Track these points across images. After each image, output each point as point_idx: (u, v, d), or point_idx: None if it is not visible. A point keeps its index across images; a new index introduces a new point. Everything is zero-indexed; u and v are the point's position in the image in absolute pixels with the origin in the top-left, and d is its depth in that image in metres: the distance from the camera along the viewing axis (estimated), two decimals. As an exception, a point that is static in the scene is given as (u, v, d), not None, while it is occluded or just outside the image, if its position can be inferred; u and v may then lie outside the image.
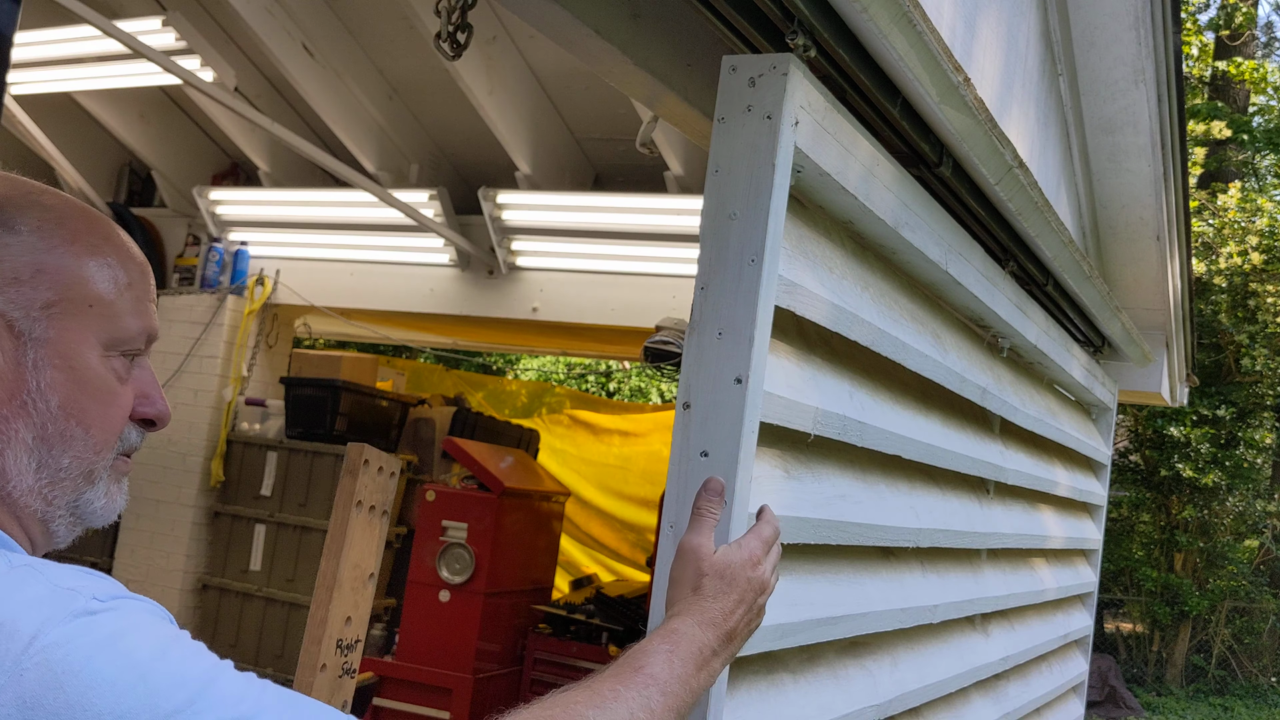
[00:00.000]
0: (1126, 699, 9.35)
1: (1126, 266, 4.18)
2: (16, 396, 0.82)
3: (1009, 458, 2.94)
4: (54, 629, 0.69)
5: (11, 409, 0.82)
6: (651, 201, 4.81)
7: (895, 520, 2.09)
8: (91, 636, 0.70)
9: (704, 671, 1.18)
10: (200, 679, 0.73)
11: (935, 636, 2.51)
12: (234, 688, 0.74)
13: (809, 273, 1.70)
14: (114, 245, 0.89)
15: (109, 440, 0.87)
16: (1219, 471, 10.03)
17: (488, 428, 6.27)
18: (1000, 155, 2.22)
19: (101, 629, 0.71)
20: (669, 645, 1.16)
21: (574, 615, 4.61)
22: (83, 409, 0.85)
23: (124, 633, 0.72)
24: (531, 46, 4.69)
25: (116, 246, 0.90)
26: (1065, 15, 3.31)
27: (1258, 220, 10.25)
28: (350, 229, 5.59)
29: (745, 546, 1.32)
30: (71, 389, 0.84)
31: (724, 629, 1.23)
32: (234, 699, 0.73)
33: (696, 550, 1.29)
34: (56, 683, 0.68)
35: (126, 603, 0.74)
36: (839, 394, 1.85)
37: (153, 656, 0.71)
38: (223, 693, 0.73)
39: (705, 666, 1.18)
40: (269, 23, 4.71)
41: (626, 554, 7.48)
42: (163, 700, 0.70)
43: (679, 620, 1.21)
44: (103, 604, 0.72)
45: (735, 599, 1.26)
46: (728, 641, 1.23)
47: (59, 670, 0.68)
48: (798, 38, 1.56)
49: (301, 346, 7.09)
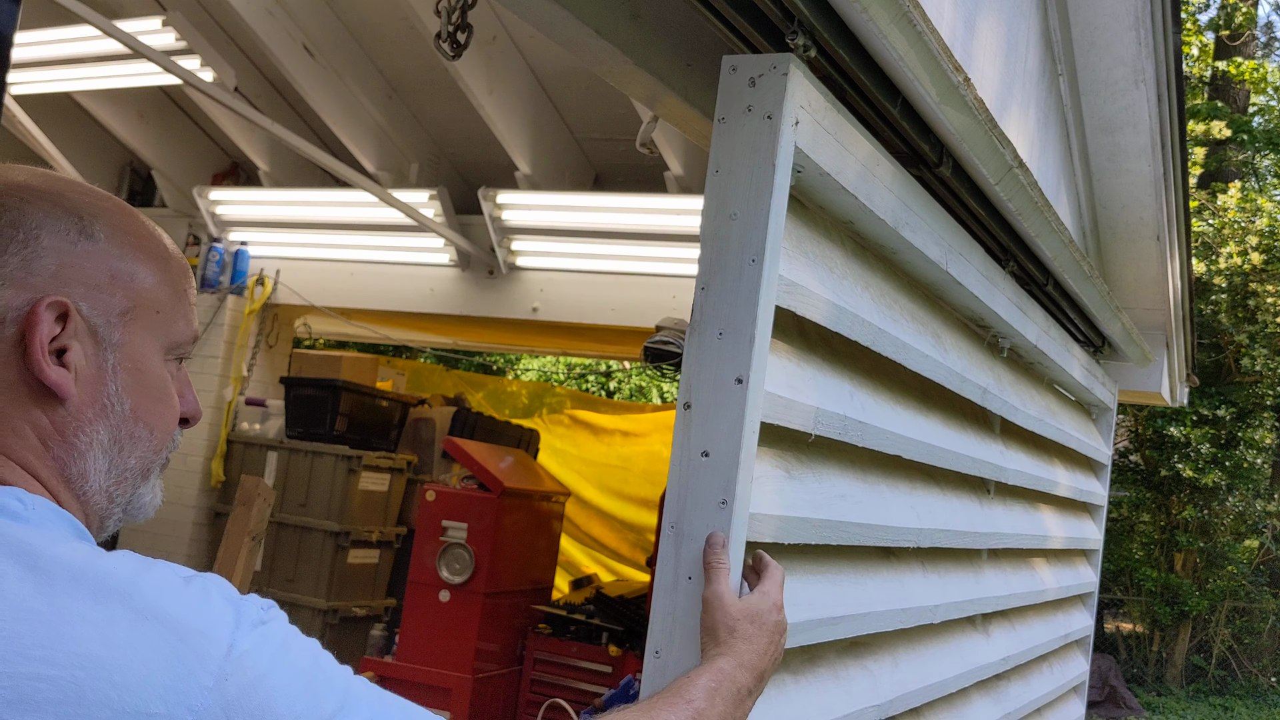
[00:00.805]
0: (1126, 699, 9.35)
1: (1126, 266, 4.18)
2: (98, 400, 0.86)
3: (1009, 458, 2.94)
4: (243, 639, 0.75)
5: (94, 411, 0.86)
6: (651, 201, 4.81)
7: (896, 520, 2.09)
8: (270, 646, 0.77)
9: (740, 709, 1.27)
10: (343, 683, 0.81)
11: (936, 637, 2.51)
12: (365, 690, 0.83)
13: (809, 273, 1.70)
14: (170, 250, 0.94)
15: (166, 440, 0.92)
16: (1219, 471, 10.03)
17: (488, 428, 6.27)
18: (1000, 155, 2.22)
19: (274, 638, 0.77)
20: (714, 683, 1.24)
21: (574, 615, 4.61)
22: (149, 411, 0.89)
23: (288, 642, 0.79)
24: (531, 46, 4.68)
25: (171, 252, 0.94)
26: (1065, 15, 3.31)
27: (1258, 220, 10.25)
28: (350, 229, 5.59)
29: (769, 594, 1.42)
30: (141, 392, 0.88)
31: (758, 670, 1.32)
32: (367, 700, 0.82)
33: (721, 599, 1.39)
34: (251, 688, 0.74)
35: (277, 612, 0.81)
36: (840, 394, 1.85)
37: (311, 664, 0.80)
38: (359, 695, 0.82)
39: (741, 705, 1.27)
40: (269, 23, 4.71)
41: (626, 554, 7.47)
42: (324, 703, 0.78)
43: (723, 660, 1.30)
44: (266, 614, 0.78)
45: (766, 641, 1.36)
46: (759, 681, 1.33)
47: (252, 676, 0.75)
48: (798, 38, 1.56)
49: (301, 346, 7.09)
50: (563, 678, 4.50)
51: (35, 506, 0.80)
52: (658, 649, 1.52)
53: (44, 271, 0.83)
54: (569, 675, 4.49)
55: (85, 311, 0.84)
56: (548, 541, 5.07)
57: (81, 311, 0.84)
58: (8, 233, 0.83)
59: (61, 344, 0.83)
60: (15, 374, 0.82)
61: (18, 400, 0.83)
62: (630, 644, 4.41)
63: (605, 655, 4.43)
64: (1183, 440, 10.11)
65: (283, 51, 4.78)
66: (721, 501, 1.49)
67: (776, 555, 1.72)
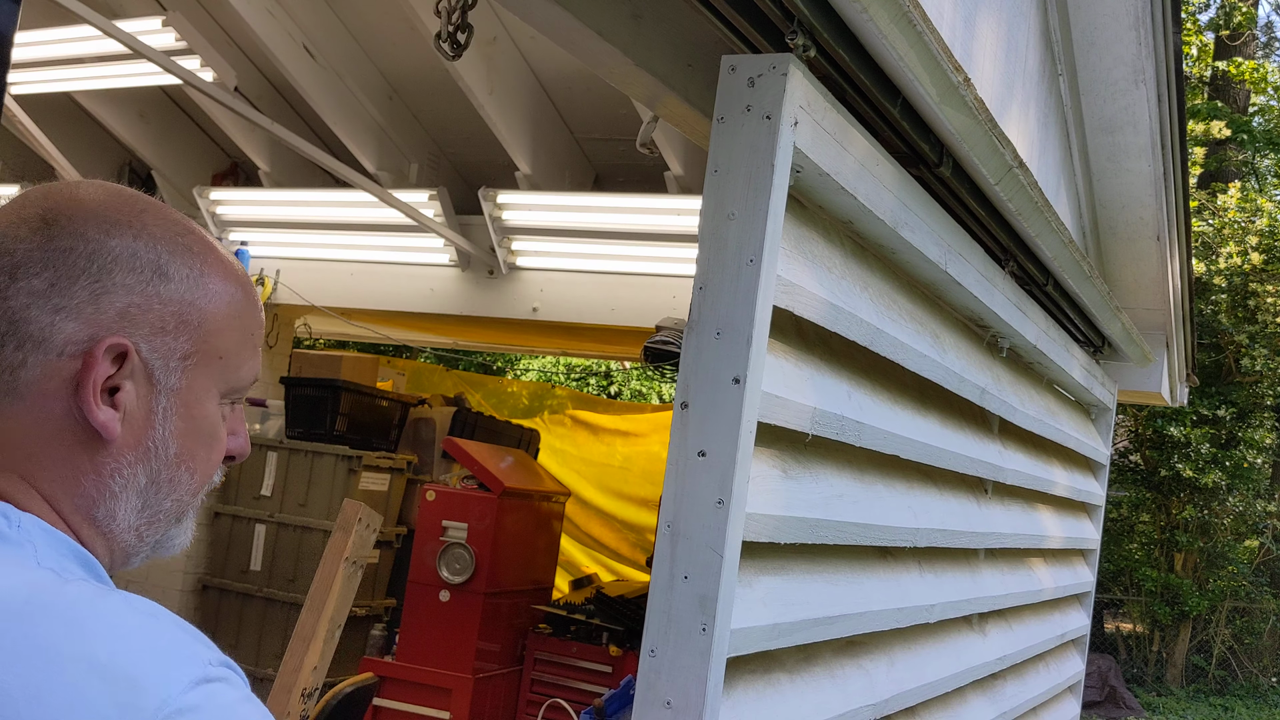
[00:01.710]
0: (1126, 699, 9.35)
1: (1126, 266, 4.18)
2: (142, 443, 0.83)
3: (1007, 458, 2.94)
4: (182, 696, 0.69)
5: (136, 454, 0.83)
6: (651, 201, 4.81)
7: (893, 520, 2.10)
8: (213, 705, 0.70)
9: None
10: None
11: (932, 636, 2.51)
12: None
13: (808, 273, 1.70)
14: (244, 295, 0.90)
15: (206, 482, 0.90)
16: (1219, 471, 10.03)
17: (488, 428, 6.28)
18: (1000, 155, 2.22)
19: (219, 699, 0.71)
20: None
21: (574, 615, 4.61)
22: (193, 455, 0.87)
23: (234, 706, 0.72)
24: (532, 47, 4.69)
25: (246, 296, 0.90)
26: (1065, 15, 3.31)
27: (1258, 220, 10.25)
28: (350, 229, 5.59)
29: None
30: (189, 437, 0.86)
31: None
32: None
33: None
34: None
35: (231, 674, 0.74)
36: (837, 394, 1.85)
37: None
38: None
39: None
40: (269, 23, 4.71)
41: (626, 554, 7.48)
42: None
43: None
44: (216, 670, 0.72)
45: None
46: None
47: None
48: (797, 38, 1.56)
49: (301, 346, 7.09)
50: (563, 678, 4.50)
51: (22, 524, 0.77)
52: (653, 648, 1.52)
53: (111, 309, 0.80)
54: (569, 675, 4.50)
55: (145, 353, 0.82)
56: (548, 541, 5.07)
57: (141, 353, 0.82)
58: (81, 264, 0.80)
59: (115, 383, 0.81)
60: (62, 407, 0.80)
61: (59, 433, 0.80)
62: (630, 644, 4.42)
63: (605, 655, 4.43)
64: (1183, 440, 10.11)
65: (283, 51, 4.78)
66: (718, 501, 1.50)
67: (773, 554, 1.72)
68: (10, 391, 0.79)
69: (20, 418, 0.80)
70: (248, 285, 0.91)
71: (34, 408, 0.79)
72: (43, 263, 0.79)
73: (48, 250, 0.80)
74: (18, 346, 0.79)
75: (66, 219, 0.81)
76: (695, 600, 1.49)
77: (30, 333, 0.79)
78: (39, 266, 0.79)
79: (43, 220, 0.81)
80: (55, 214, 0.81)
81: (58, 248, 0.80)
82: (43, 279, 0.79)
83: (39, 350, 0.79)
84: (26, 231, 0.81)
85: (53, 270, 0.79)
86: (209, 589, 5.63)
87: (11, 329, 0.79)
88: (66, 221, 0.81)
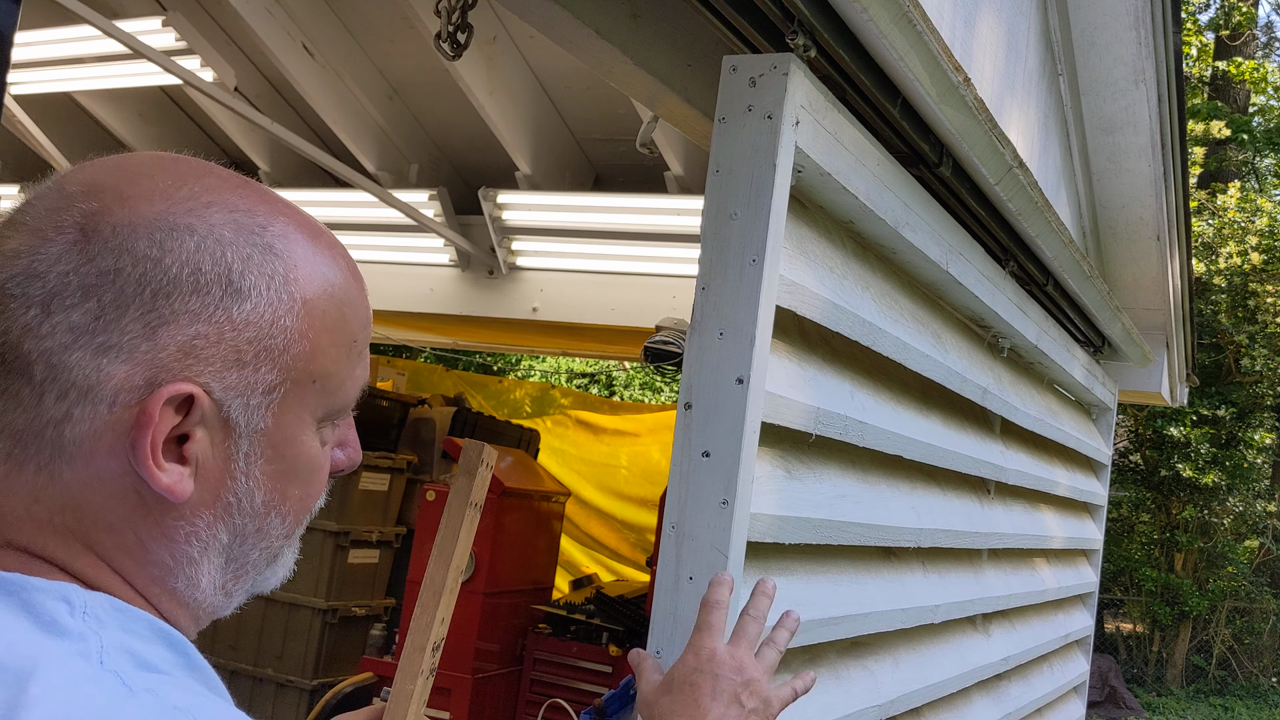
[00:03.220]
0: (1127, 699, 9.35)
1: (1126, 266, 4.18)
2: (221, 499, 0.69)
3: (1009, 458, 2.94)
4: None
5: (215, 512, 0.69)
6: (651, 201, 4.81)
7: (896, 520, 2.09)
8: None
9: None
10: None
11: (936, 637, 2.51)
12: None
13: (810, 273, 1.70)
14: (344, 295, 0.74)
15: (303, 519, 0.77)
16: (1219, 471, 10.03)
17: (488, 428, 6.28)
18: (1000, 155, 2.22)
19: None
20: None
21: (574, 615, 4.61)
22: (285, 497, 0.73)
23: None
24: (531, 46, 4.68)
25: (346, 297, 0.74)
26: (1065, 15, 3.31)
27: (1257, 220, 10.26)
28: (350, 229, 5.59)
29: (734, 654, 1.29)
30: (280, 480, 0.72)
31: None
32: None
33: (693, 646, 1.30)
34: None
35: None
36: (840, 394, 1.85)
37: None
38: None
39: None
40: (269, 23, 4.71)
41: (626, 554, 7.48)
42: None
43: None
44: None
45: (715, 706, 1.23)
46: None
47: None
48: (798, 38, 1.56)
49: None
50: (563, 678, 4.50)
51: (88, 610, 0.63)
52: (658, 648, 1.52)
53: (171, 344, 0.64)
54: (569, 675, 4.49)
55: (218, 394, 0.66)
56: (548, 541, 5.07)
57: (213, 394, 0.66)
58: (131, 289, 0.64)
59: (182, 431, 0.66)
60: (120, 465, 0.65)
61: (121, 495, 0.66)
62: (630, 644, 4.41)
63: (605, 655, 4.43)
64: (1183, 440, 10.11)
65: (283, 51, 4.78)
66: (722, 501, 1.49)
67: (777, 555, 1.72)
68: (59, 451, 0.65)
69: (75, 480, 0.65)
70: (350, 278, 0.75)
71: (88, 469, 0.65)
72: (83, 290, 0.64)
73: (88, 272, 0.64)
74: (60, 397, 0.64)
75: (110, 229, 0.65)
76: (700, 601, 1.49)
77: (74, 380, 0.64)
78: (79, 295, 0.64)
79: (81, 231, 0.65)
80: (97, 222, 0.65)
81: (101, 269, 0.64)
82: (84, 311, 0.63)
83: (85, 401, 0.64)
84: (62, 247, 0.65)
85: (96, 300, 0.64)
86: (209, 590, 5.62)
87: (51, 375, 0.63)
88: (111, 233, 0.65)
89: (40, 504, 0.66)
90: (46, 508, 0.66)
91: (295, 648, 5.30)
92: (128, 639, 0.63)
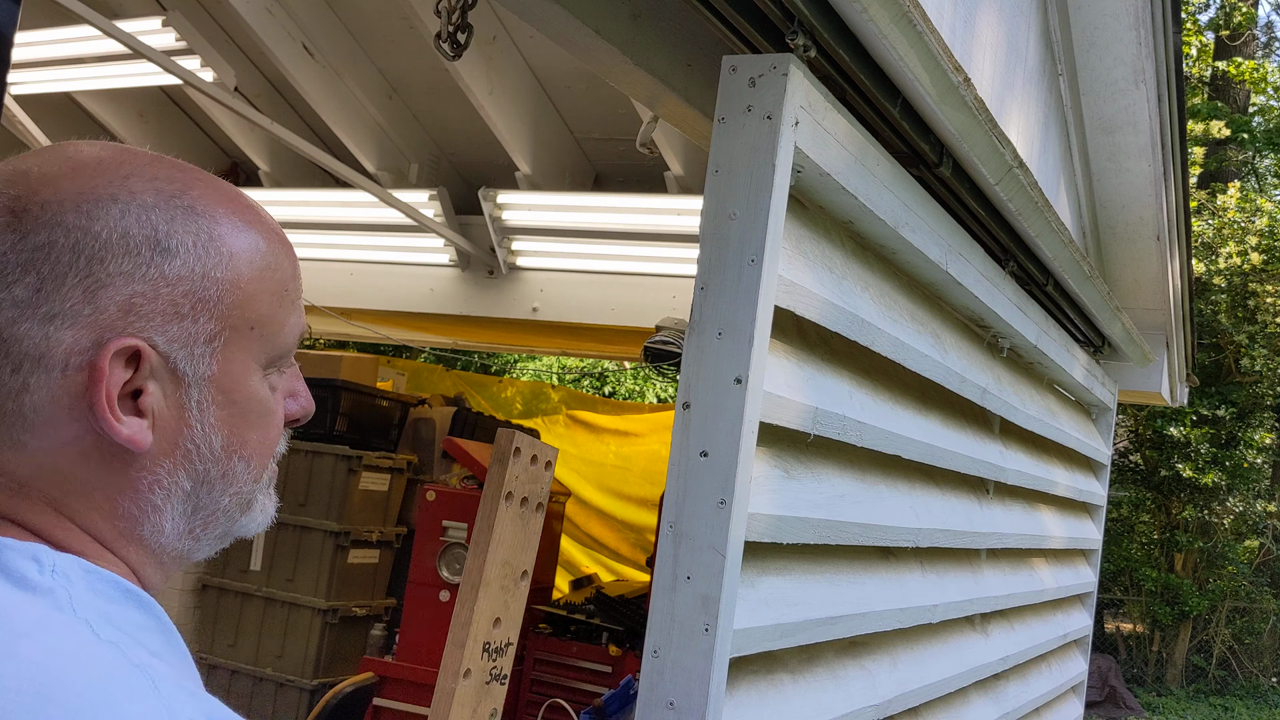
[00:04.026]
0: (1126, 699, 9.35)
1: (1126, 266, 4.18)
2: (179, 445, 0.73)
3: (1009, 458, 2.94)
4: None
5: (175, 460, 0.73)
6: (651, 201, 4.81)
7: (895, 520, 2.09)
8: None
9: None
10: None
11: (934, 636, 2.51)
12: None
13: (809, 273, 1.70)
14: (268, 246, 0.78)
15: (267, 462, 0.82)
16: (1219, 471, 10.03)
17: (488, 428, 6.28)
18: (1000, 155, 2.22)
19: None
20: None
21: (574, 615, 4.61)
22: (244, 441, 0.77)
23: None
24: (531, 46, 4.69)
25: (270, 246, 0.79)
26: (1065, 15, 3.31)
27: (1257, 220, 10.26)
28: (350, 229, 5.59)
29: None
30: (234, 424, 0.76)
31: None
32: None
33: None
34: None
35: None
36: (838, 394, 1.85)
37: None
38: None
39: None
40: (269, 23, 4.71)
41: (626, 554, 7.47)
42: None
43: None
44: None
45: None
46: None
47: None
48: (798, 38, 1.56)
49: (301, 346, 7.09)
50: (563, 678, 4.50)
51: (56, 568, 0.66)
52: (656, 648, 1.52)
53: (111, 305, 0.69)
54: (569, 675, 4.50)
55: (162, 347, 0.71)
56: (548, 541, 5.07)
57: (158, 347, 0.71)
58: (66, 259, 0.68)
59: (134, 386, 0.70)
60: (80, 426, 0.69)
61: (84, 455, 0.70)
62: (630, 644, 4.42)
63: (605, 655, 4.43)
64: (1183, 440, 10.11)
65: (283, 51, 4.78)
66: (720, 501, 1.49)
67: (776, 555, 1.72)
68: (20, 421, 0.69)
69: (39, 446, 0.70)
70: (270, 232, 0.79)
71: (50, 434, 0.69)
72: (21, 265, 0.68)
73: (24, 248, 0.68)
74: (15, 369, 0.68)
75: (39, 207, 0.69)
76: (698, 601, 1.49)
77: (25, 350, 0.68)
78: (17, 271, 0.68)
79: (11, 213, 0.69)
80: (24, 202, 0.70)
81: (35, 244, 0.68)
82: (25, 285, 0.68)
83: (39, 369, 0.68)
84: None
85: (35, 273, 0.68)
86: (208, 588, 5.62)
87: (3, 349, 0.68)
88: (39, 210, 0.69)
89: (6, 474, 0.70)
90: (14, 477, 0.70)
91: (295, 647, 5.30)
92: (96, 600, 0.67)
